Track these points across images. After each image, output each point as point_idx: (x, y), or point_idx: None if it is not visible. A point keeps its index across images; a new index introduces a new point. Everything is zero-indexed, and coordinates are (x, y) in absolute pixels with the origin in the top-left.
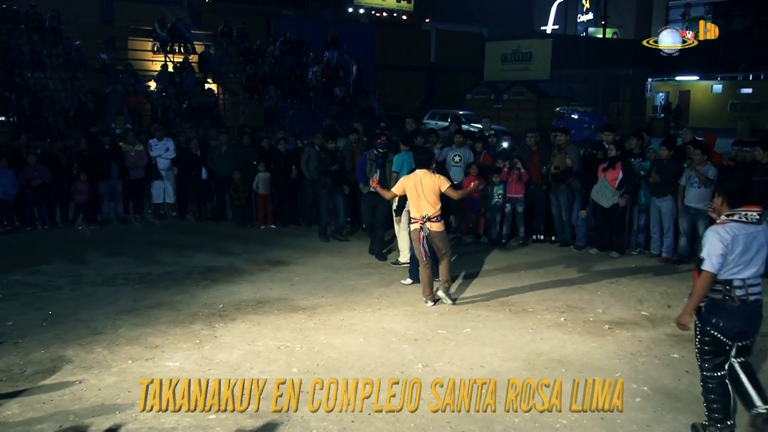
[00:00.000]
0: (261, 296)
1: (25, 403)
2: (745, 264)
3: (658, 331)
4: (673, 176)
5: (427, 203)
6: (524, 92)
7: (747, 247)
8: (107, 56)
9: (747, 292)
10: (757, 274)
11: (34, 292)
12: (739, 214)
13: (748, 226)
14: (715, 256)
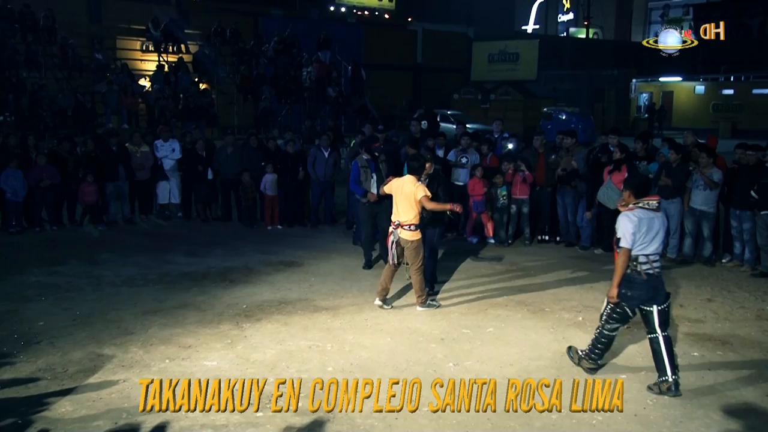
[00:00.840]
0: (281, 297)
1: (76, 401)
2: (648, 242)
3: (675, 331)
4: (682, 179)
5: (401, 210)
6: (511, 92)
7: (649, 228)
8: (102, 56)
9: (651, 267)
10: (657, 251)
11: (57, 293)
12: (642, 203)
13: (648, 212)
14: (629, 234)
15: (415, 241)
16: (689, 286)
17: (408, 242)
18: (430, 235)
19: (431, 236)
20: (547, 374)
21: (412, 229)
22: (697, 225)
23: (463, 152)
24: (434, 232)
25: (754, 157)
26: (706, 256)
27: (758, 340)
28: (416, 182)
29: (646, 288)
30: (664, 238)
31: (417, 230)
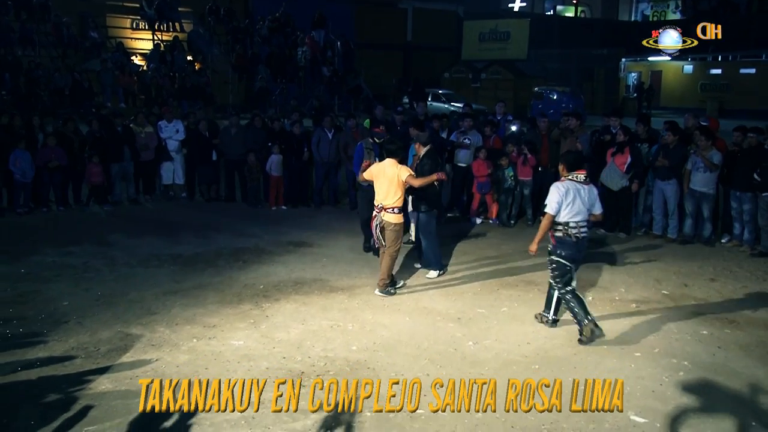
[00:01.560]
0: (296, 277)
1: (114, 379)
2: (577, 211)
3: (682, 310)
4: (679, 160)
5: (384, 193)
6: (502, 72)
7: (575, 197)
8: (97, 34)
9: (579, 231)
10: (584, 219)
11: (75, 274)
12: (573, 176)
13: (577, 184)
14: (555, 202)
15: (397, 224)
16: (692, 266)
17: (391, 225)
18: (427, 221)
19: (427, 221)
20: (562, 353)
21: (395, 212)
22: (697, 206)
23: (464, 134)
24: (431, 216)
25: (754, 139)
26: (706, 237)
27: (763, 319)
28: (397, 164)
29: (575, 249)
30: (592, 208)
31: (400, 213)
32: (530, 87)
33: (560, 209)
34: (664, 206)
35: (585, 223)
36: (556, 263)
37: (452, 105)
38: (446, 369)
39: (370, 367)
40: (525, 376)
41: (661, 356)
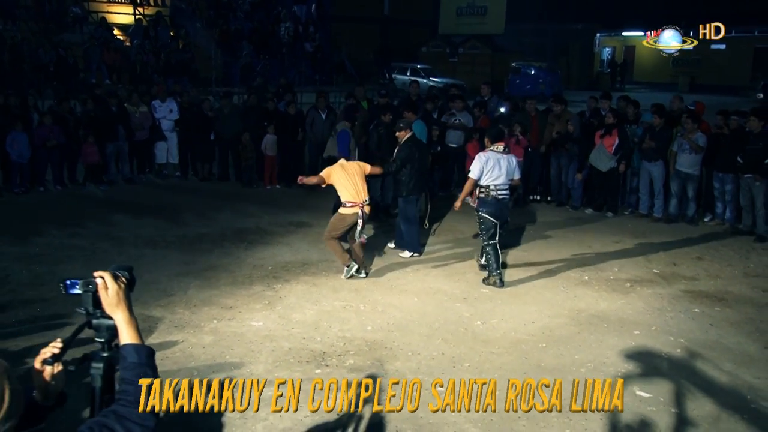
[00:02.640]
0: (303, 258)
1: None
2: (496, 176)
3: (674, 288)
4: (665, 142)
5: (363, 188)
6: (479, 46)
7: (495, 165)
8: (79, 9)
9: (498, 193)
10: (503, 183)
11: (84, 255)
12: (494, 147)
13: (497, 154)
14: (477, 169)
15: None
16: (679, 245)
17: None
18: (404, 206)
19: (405, 206)
20: (567, 331)
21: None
22: (682, 186)
23: (454, 115)
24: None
25: (736, 122)
26: (691, 216)
27: (749, 296)
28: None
29: (495, 207)
30: (511, 174)
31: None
32: (507, 62)
33: (482, 175)
34: (650, 186)
35: (505, 187)
36: (482, 219)
37: (431, 80)
38: (459, 348)
39: (387, 346)
40: (533, 354)
41: (658, 334)
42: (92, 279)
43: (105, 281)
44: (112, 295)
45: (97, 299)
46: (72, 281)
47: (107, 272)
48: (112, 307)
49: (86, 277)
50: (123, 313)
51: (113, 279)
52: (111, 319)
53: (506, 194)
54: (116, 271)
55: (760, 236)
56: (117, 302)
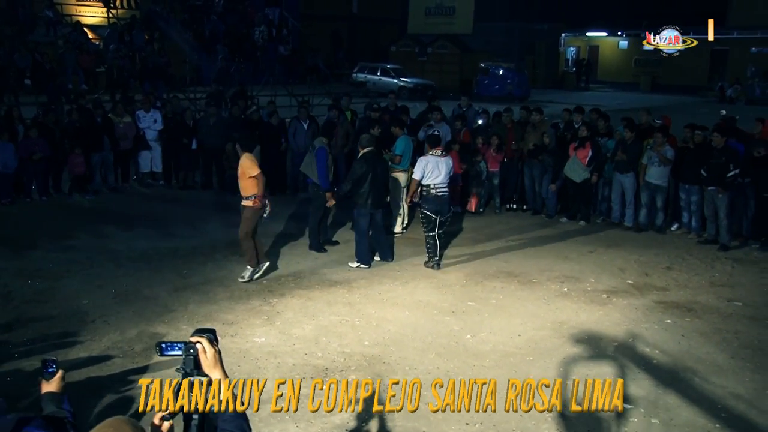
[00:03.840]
0: (294, 271)
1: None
2: (436, 176)
3: (647, 299)
4: (636, 155)
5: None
6: (448, 46)
7: (434, 168)
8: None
9: (437, 191)
10: (442, 183)
11: (83, 270)
12: (433, 152)
13: (436, 158)
14: (419, 171)
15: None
16: (649, 254)
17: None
18: (356, 217)
19: (356, 218)
20: (551, 343)
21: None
22: (651, 197)
23: (432, 127)
24: (359, 214)
25: (700, 136)
26: (659, 225)
27: (716, 306)
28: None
29: (435, 203)
30: (448, 174)
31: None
32: (475, 62)
33: (423, 176)
34: (621, 196)
35: (443, 185)
36: (424, 214)
37: (401, 80)
38: (453, 362)
39: (385, 361)
40: (522, 367)
41: (635, 345)
42: (192, 343)
43: (204, 346)
44: (210, 358)
45: (197, 361)
46: (168, 344)
47: (203, 337)
48: (210, 368)
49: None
50: (219, 372)
51: (210, 344)
52: (205, 378)
53: (445, 191)
54: (205, 335)
55: (723, 245)
56: (215, 364)
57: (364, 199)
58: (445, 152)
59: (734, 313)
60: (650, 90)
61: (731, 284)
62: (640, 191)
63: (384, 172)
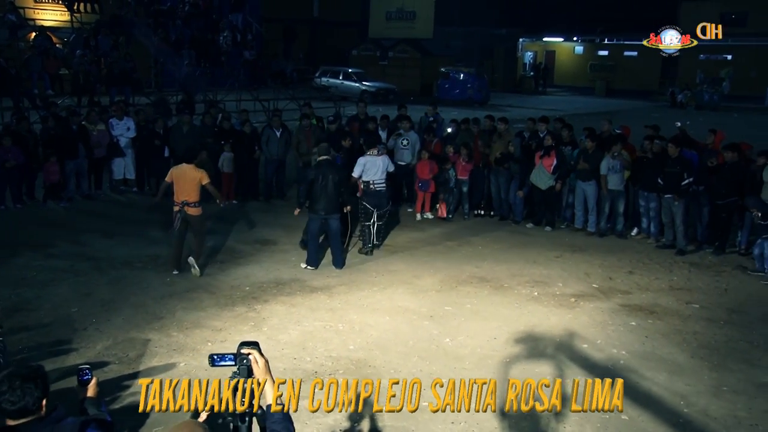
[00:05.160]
0: (275, 277)
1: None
2: (373, 173)
3: (611, 302)
4: (598, 163)
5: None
6: (409, 50)
7: (371, 166)
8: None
9: (375, 186)
10: (380, 179)
11: (68, 278)
12: (370, 152)
13: (373, 157)
14: (358, 171)
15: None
16: (612, 258)
17: (194, 217)
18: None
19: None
20: (524, 344)
21: (196, 206)
22: (612, 203)
23: (400, 136)
24: (311, 218)
25: (658, 146)
26: (620, 230)
27: (675, 309)
28: (197, 169)
29: (374, 197)
30: (384, 172)
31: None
32: (436, 66)
33: (362, 173)
34: (584, 203)
35: (381, 181)
36: (363, 206)
37: (363, 84)
38: (434, 365)
39: (371, 365)
40: (500, 368)
41: (603, 347)
42: (244, 355)
43: (255, 357)
44: (262, 367)
45: (250, 370)
46: (219, 356)
47: (253, 349)
48: (261, 376)
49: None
50: (269, 379)
51: (260, 354)
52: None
53: (383, 186)
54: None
55: (680, 250)
56: (265, 372)
57: (314, 205)
58: (382, 152)
59: (692, 315)
60: (605, 94)
61: (689, 287)
62: (601, 198)
63: (338, 180)
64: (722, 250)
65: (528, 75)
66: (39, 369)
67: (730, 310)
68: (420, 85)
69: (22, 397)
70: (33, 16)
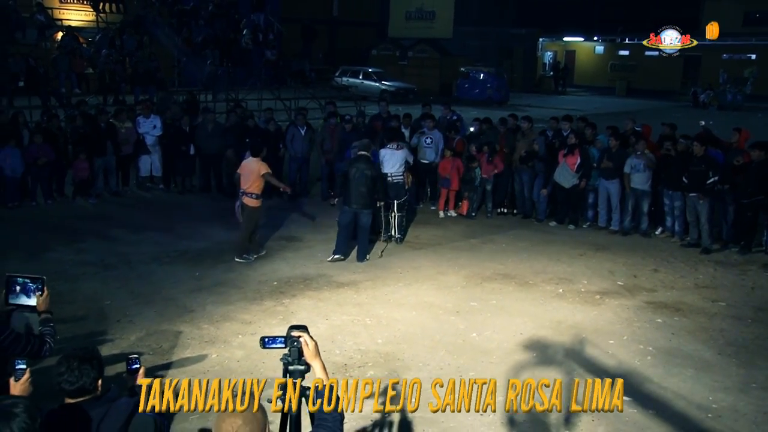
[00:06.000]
0: (301, 273)
1: (189, 373)
2: (390, 166)
3: (637, 300)
4: (621, 162)
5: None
6: (428, 50)
7: (390, 158)
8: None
9: (393, 178)
10: (397, 171)
11: (97, 272)
12: (389, 145)
13: (391, 150)
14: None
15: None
16: (636, 257)
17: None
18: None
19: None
20: (552, 340)
21: (252, 197)
22: (637, 202)
23: (424, 134)
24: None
25: (683, 145)
26: (643, 229)
27: (701, 307)
28: (260, 161)
29: (392, 189)
30: (402, 165)
31: (257, 200)
32: (455, 65)
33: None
34: (607, 202)
35: (399, 174)
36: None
37: (383, 83)
38: (462, 358)
39: (399, 358)
40: (527, 363)
41: (629, 342)
42: (294, 337)
43: (305, 339)
44: (312, 349)
45: (301, 352)
46: (270, 338)
47: (304, 332)
48: (311, 358)
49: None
50: (319, 362)
51: (310, 337)
52: (303, 366)
53: (400, 178)
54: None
55: (705, 249)
56: (315, 354)
57: (347, 198)
58: (402, 146)
59: (718, 312)
60: (625, 94)
61: (714, 285)
62: (626, 197)
63: (371, 175)
64: (748, 249)
65: (547, 75)
66: (94, 351)
67: (757, 309)
68: (439, 85)
69: (79, 378)
70: (59, 16)
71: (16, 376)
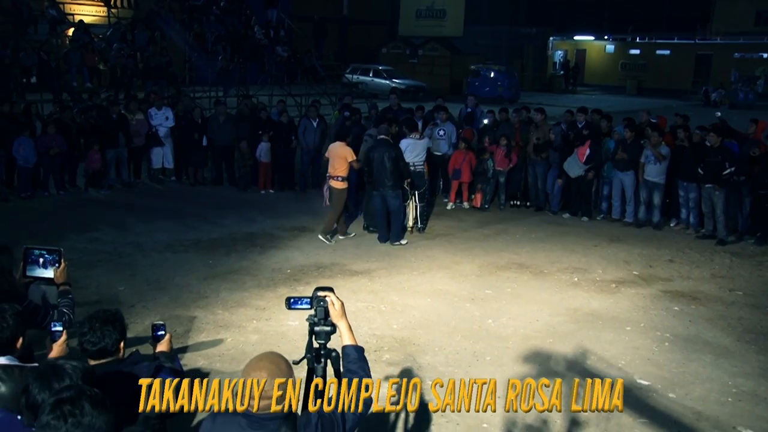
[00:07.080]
0: (315, 261)
1: (205, 356)
2: (414, 155)
3: (653, 288)
4: (636, 154)
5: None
6: (438, 49)
7: (413, 148)
8: (56, 11)
9: (415, 167)
10: (419, 160)
11: (111, 259)
12: (411, 135)
13: (413, 140)
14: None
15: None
16: (651, 248)
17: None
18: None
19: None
20: (567, 328)
21: (339, 180)
22: (649, 194)
23: (437, 126)
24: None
25: (698, 135)
26: (658, 221)
27: (718, 296)
28: (346, 147)
29: (415, 177)
30: (423, 154)
31: (343, 182)
32: (465, 64)
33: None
34: (621, 194)
35: (420, 162)
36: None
37: (393, 81)
38: (479, 344)
39: (414, 343)
40: (544, 348)
41: (647, 329)
42: (321, 296)
43: (332, 299)
44: (338, 309)
45: (327, 311)
46: (295, 299)
47: (329, 292)
48: (338, 318)
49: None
50: (345, 322)
51: (336, 297)
52: (329, 327)
53: (422, 167)
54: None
55: (721, 240)
56: (341, 314)
57: (374, 182)
58: (423, 135)
59: (736, 301)
60: (636, 93)
61: (731, 276)
62: (639, 189)
63: (393, 155)
64: (764, 241)
65: (558, 74)
66: (117, 313)
67: None
68: (449, 83)
69: (101, 338)
70: (71, 11)
71: (53, 337)
